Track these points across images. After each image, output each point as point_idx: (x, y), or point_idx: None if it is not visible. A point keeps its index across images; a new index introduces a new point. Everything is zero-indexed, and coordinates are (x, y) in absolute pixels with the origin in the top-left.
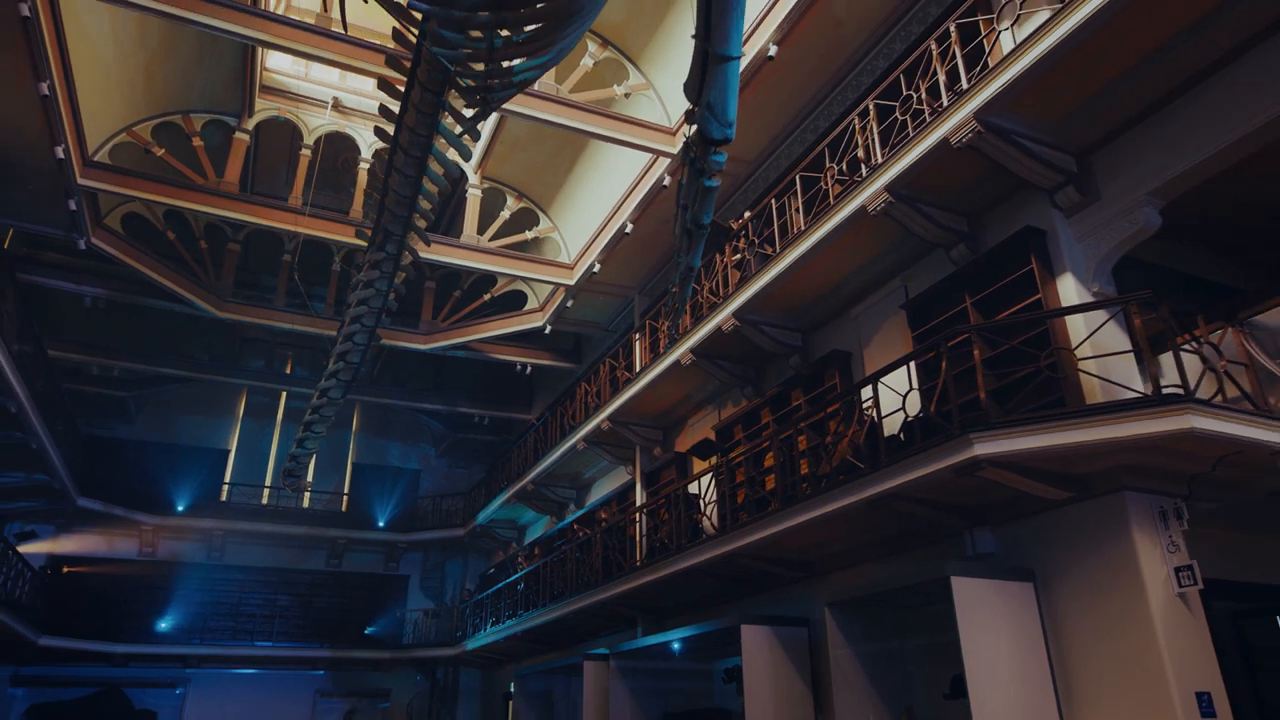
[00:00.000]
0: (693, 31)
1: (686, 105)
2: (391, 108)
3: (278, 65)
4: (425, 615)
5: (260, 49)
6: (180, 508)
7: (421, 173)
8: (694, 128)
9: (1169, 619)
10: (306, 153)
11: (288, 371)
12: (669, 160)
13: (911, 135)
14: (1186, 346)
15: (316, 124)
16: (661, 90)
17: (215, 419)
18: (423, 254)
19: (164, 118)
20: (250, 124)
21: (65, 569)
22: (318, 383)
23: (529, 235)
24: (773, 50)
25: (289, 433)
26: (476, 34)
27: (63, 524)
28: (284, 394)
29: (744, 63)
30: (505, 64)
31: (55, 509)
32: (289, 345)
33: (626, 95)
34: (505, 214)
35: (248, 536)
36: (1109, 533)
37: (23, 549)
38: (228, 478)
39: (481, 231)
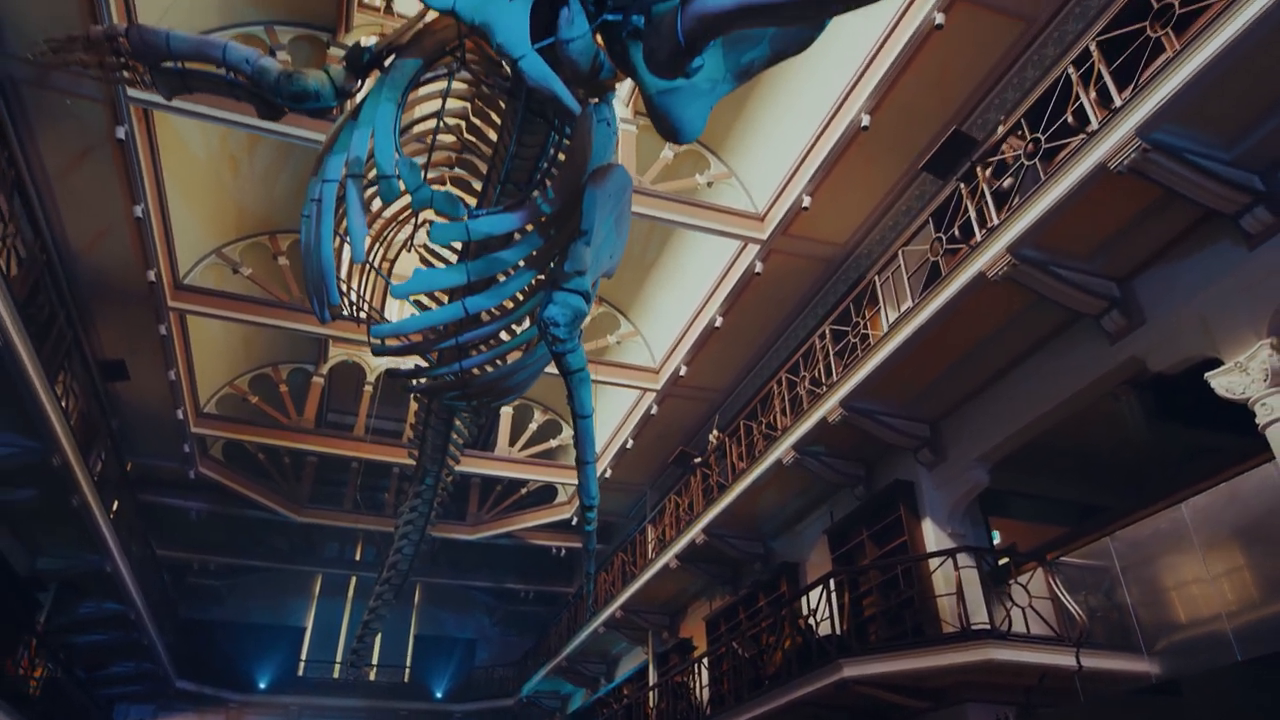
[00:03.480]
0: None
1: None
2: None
3: None
4: None
5: None
6: (262, 684)
7: (449, 434)
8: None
9: None
10: (369, 388)
11: (357, 557)
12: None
13: (805, 408)
14: (1013, 583)
15: (378, 363)
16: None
17: (294, 599)
18: (462, 467)
19: (258, 371)
20: (325, 369)
21: None
22: (374, 585)
23: (553, 444)
24: (719, 321)
25: (359, 609)
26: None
27: (163, 704)
28: (354, 577)
29: (698, 330)
30: (487, 406)
31: (157, 690)
32: (359, 531)
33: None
34: (533, 426)
35: (321, 710)
36: None
37: None
38: (304, 654)
39: (514, 440)
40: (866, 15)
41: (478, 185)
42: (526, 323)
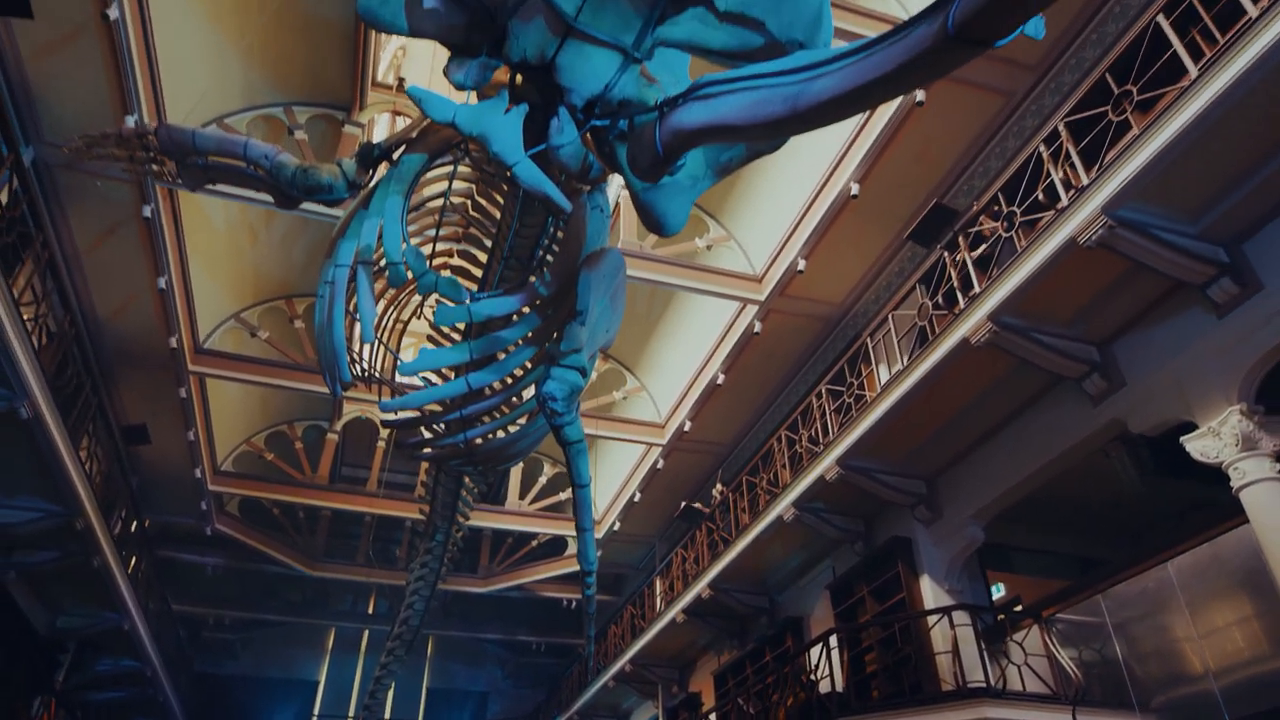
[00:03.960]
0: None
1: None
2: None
3: None
4: None
5: None
6: None
7: (458, 492)
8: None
9: None
10: (382, 444)
11: (370, 611)
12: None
13: (805, 465)
14: (1009, 640)
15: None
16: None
17: (307, 653)
18: (473, 521)
19: (274, 428)
20: (339, 425)
21: None
22: (386, 640)
23: (562, 497)
24: (721, 379)
25: (371, 663)
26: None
27: None
28: (366, 631)
29: (701, 386)
30: (492, 470)
31: None
32: (372, 584)
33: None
34: (543, 480)
35: None
36: None
37: None
38: (317, 709)
39: (524, 494)
40: None
41: (483, 257)
42: (531, 390)
